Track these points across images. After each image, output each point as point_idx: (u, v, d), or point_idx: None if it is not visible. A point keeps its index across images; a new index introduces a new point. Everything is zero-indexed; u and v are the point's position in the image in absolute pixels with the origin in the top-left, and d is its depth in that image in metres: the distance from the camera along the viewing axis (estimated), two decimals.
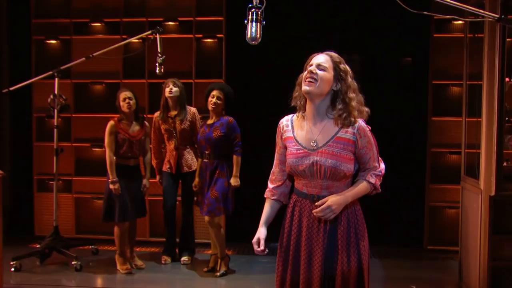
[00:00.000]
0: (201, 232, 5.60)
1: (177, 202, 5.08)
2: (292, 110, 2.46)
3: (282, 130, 2.44)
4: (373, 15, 5.57)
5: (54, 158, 5.00)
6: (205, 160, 4.70)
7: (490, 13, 2.14)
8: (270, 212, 2.51)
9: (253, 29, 2.12)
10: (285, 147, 2.41)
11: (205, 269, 4.84)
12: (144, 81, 5.77)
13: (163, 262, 5.06)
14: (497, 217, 3.84)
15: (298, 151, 2.33)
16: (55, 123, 4.98)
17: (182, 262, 5.05)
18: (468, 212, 4.27)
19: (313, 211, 2.29)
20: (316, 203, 2.29)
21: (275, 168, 2.51)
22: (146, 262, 5.03)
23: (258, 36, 2.12)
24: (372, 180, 2.36)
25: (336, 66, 2.34)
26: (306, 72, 2.33)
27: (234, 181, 4.60)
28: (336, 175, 2.28)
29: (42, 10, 5.92)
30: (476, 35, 4.31)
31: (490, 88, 3.83)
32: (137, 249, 5.27)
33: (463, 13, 2.20)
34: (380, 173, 2.39)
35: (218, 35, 5.72)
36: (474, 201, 4.08)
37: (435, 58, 5.50)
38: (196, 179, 4.79)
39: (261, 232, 2.45)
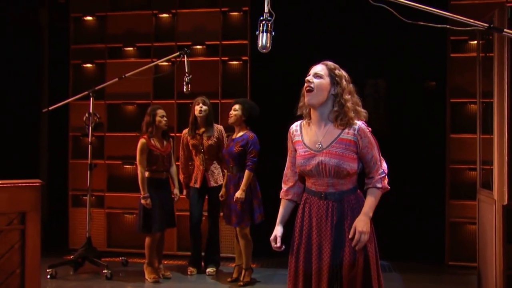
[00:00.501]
0: (226, 246, 5.81)
1: (203, 216, 5.31)
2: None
3: (292, 135, 2.67)
4: (392, 38, 5.79)
5: (88, 173, 5.33)
6: (229, 174, 4.94)
7: (479, 23, 2.35)
8: (285, 211, 2.72)
9: (263, 39, 2.36)
10: (295, 150, 2.64)
11: (229, 279, 5.03)
12: (173, 101, 6.09)
13: (189, 273, 5.27)
14: (511, 227, 3.95)
15: (305, 153, 2.55)
16: (90, 140, 5.32)
17: (207, 274, 5.24)
18: (484, 223, 4.38)
19: (352, 245, 2.46)
20: (349, 237, 2.47)
21: (287, 170, 2.72)
22: (173, 273, 5.25)
23: (268, 45, 2.37)
24: (380, 185, 2.54)
25: (331, 72, 2.56)
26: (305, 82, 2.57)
27: (239, 194, 4.77)
28: (340, 173, 2.48)
29: (79, 37, 6.35)
30: (487, 54, 4.48)
31: (500, 105, 3.99)
32: (165, 262, 5.48)
33: (459, 24, 2.39)
34: (384, 174, 2.56)
35: (243, 58, 6.03)
36: (489, 212, 4.19)
37: (452, 77, 5.66)
38: (223, 190, 5.04)
39: (278, 230, 2.66)
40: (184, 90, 4.97)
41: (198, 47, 6.12)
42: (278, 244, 2.63)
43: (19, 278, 4.02)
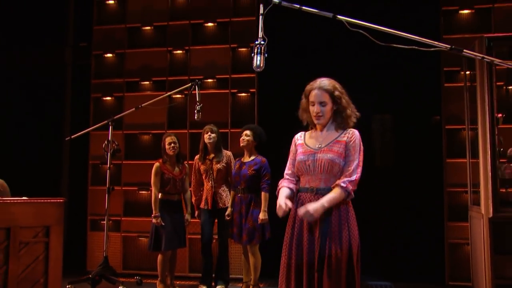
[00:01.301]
0: (235, 267, 6.11)
1: (214, 237, 5.64)
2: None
3: (296, 139, 3.08)
4: (391, 74, 6.24)
5: (106, 196, 5.72)
6: (239, 195, 5.28)
7: (442, 44, 2.74)
8: (286, 192, 2.97)
9: (258, 60, 2.77)
10: (296, 152, 3.02)
11: None
12: (186, 131, 6.53)
13: None
14: (498, 239, 4.23)
15: (306, 150, 2.94)
16: (108, 165, 5.72)
17: None
18: (475, 237, 4.66)
19: (298, 212, 2.79)
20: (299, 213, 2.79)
21: (288, 171, 3.08)
22: None
23: (262, 65, 2.77)
24: (343, 184, 2.81)
25: (331, 94, 2.95)
26: (312, 109, 2.95)
27: (262, 215, 5.13)
28: (332, 168, 2.84)
29: (100, 72, 6.88)
30: (473, 84, 4.88)
31: (483, 130, 4.36)
32: (177, 282, 5.78)
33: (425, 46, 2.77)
34: (353, 179, 2.84)
35: (251, 90, 6.48)
36: (478, 226, 4.50)
37: (447, 105, 6.03)
38: (229, 209, 5.37)
39: (288, 202, 2.87)
40: (196, 117, 5.38)
41: (210, 80, 6.60)
42: (289, 204, 2.86)
43: (43, 287, 4.38)
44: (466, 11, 6.13)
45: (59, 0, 7.22)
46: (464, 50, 2.86)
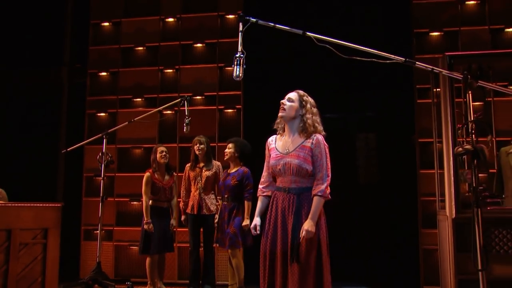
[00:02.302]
0: (222, 274, 6.44)
1: (201, 242, 5.98)
2: None
3: (269, 144, 3.47)
4: (371, 91, 6.72)
5: (100, 205, 6.05)
6: (225, 203, 5.65)
7: (397, 57, 3.16)
8: (261, 206, 3.44)
9: (237, 71, 3.18)
10: (270, 156, 3.41)
11: None
12: (176, 145, 6.92)
13: None
14: (460, 238, 4.61)
15: (277, 156, 3.33)
16: (102, 175, 6.07)
17: None
18: (442, 238, 5.04)
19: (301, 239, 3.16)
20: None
21: (264, 173, 3.48)
22: None
23: (241, 75, 3.19)
24: (320, 193, 3.21)
25: (300, 98, 3.38)
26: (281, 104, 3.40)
27: (244, 223, 5.50)
28: (300, 171, 3.24)
29: (94, 89, 7.29)
30: (439, 100, 5.31)
31: (447, 141, 4.79)
32: None
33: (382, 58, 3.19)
34: (326, 185, 3.22)
35: (237, 106, 6.91)
36: (444, 228, 4.88)
37: (420, 120, 6.46)
38: (216, 217, 5.74)
39: (257, 221, 3.39)
40: (184, 130, 5.77)
41: (198, 97, 7.01)
42: (258, 231, 3.34)
43: (40, 286, 4.74)
44: (436, 33, 6.63)
45: (56, 22, 7.64)
46: (417, 63, 3.29)
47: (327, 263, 3.25)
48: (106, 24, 7.43)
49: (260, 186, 3.48)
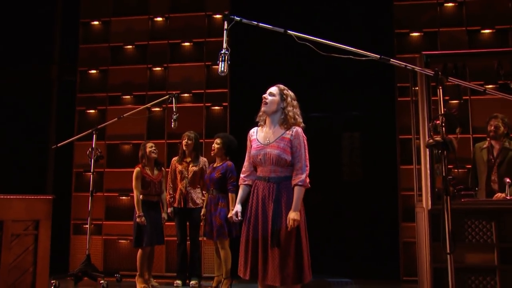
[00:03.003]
0: (209, 267, 6.62)
1: (187, 235, 6.16)
2: None
3: (251, 135, 3.65)
4: (355, 91, 6.97)
5: (90, 198, 6.21)
6: (210, 195, 5.83)
7: (372, 54, 3.37)
8: (243, 194, 3.62)
9: (222, 66, 3.36)
10: (251, 147, 3.60)
11: (210, 287, 5.83)
12: (164, 141, 7.09)
13: (175, 285, 6.04)
14: (435, 228, 4.82)
15: (258, 146, 3.52)
16: (92, 170, 6.24)
17: (190, 286, 6.03)
18: (419, 230, 5.27)
19: (288, 228, 3.32)
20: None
21: (245, 163, 3.67)
22: (161, 286, 6.04)
23: (225, 70, 3.37)
24: (300, 183, 3.39)
25: (281, 92, 3.58)
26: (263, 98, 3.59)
27: (230, 214, 5.67)
28: (280, 161, 3.43)
29: (84, 87, 7.45)
30: (415, 98, 5.54)
31: (424, 138, 5.01)
32: (154, 280, 6.25)
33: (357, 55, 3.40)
34: (305, 174, 3.40)
35: (224, 104, 7.10)
36: (421, 219, 5.11)
37: (401, 117, 6.69)
38: (204, 210, 5.94)
39: (238, 208, 3.57)
40: (172, 126, 5.97)
41: (186, 95, 7.20)
42: (239, 218, 3.53)
43: (32, 276, 4.87)
44: (416, 34, 6.87)
45: (46, 21, 7.78)
46: (391, 60, 3.50)
47: (306, 247, 3.43)
48: (96, 23, 7.59)
49: (241, 175, 3.66)
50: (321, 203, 7.08)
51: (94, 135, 6.30)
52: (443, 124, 3.42)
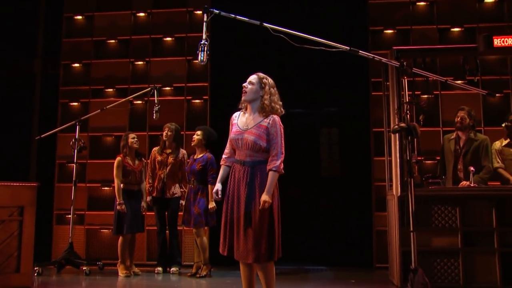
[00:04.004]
0: (189, 255, 6.81)
1: (166, 224, 6.35)
2: None
3: (233, 119, 3.85)
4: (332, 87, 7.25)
5: (73, 188, 6.36)
6: (191, 186, 6.05)
7: (343, 46, 3.62)
8: (223, 174, 3.82)
9: (201, 56, 3.58)
10: (232, 130, 3.81)
11: (189, 273, 6.04)
12: (146, 133, 7.28)
13: (156, 272, 6.24)
14: (404, 214, 5.09)
15: (237, 131, 3.73)
16: (75, 160, 6.40)
17: (171, 272, 6.23)
18: (390, 215, 5.55)
19: (260, 208, 3.53)
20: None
21: (227, 145, 3.85)
22: (142, 272, 6.22)
23: (204, 60, 3.59)
24: (275, 168, 3.60)
25: (260, 80, 3.79)
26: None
27: (210, 205, 5.91)
28: (255, 147, 3.64)
29: (68, 80, 7.59)
30: (387, 93, 5.80)
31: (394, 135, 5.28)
32: (136, 268, 6.42)
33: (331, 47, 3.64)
34: (280, 161, 3.61)
35: (204, 97, 7.31)
36: (392, 206, 5.38)
37: (374, 111, 6.96)
38: (182, 200, 6.17)
39: (218, 186, 3.76)
40: (154, 117, 6.17)
41: (167, 88, 7.39)
42: (219, 196, 3.73)
43: (16, 260, 5.03)
44: (389, 31, 7.16)
45: (30, 15, 7.90)
46: (359, 51, 3.75)
47: (278, 227, 3.63)
48: (79, 17, 7.74)
49: (223, 156, 3.86)
50: (301, 198, 7.33)
51: (77, 127, 6.46)
52: (408, 112, 3.68)
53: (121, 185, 6.06)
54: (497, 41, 4.96)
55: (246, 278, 3.70)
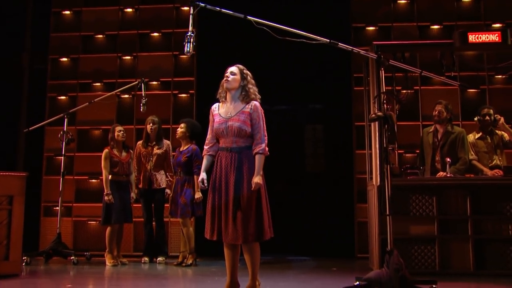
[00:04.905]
0: (175, 246, 6.96)
1: (153, 214, 6.49)
2: None
3: (213, 110, 4.00)
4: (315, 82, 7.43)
5: (60, 180, 6.47)
6: (177, 177, 6.20)
7: (322, 39, 3.79)
8: (207, 163, 3.98)
9: (188, 47, 3.73)
10: (214, 121, 3.97)
11: (175, 262, 6.18)
12: (133, 126, 7.41)
13: (142, 261, 6.38)
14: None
15: (220, 120, 3.89)
16: (63, 152, 6.50)
17: (157, 262, 6.36)
18: (370, 204, 5.74)
19: (252, 189, 3.69)
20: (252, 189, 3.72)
21: (208, 136, 4.02)
22: (129, 263, 6.35)
23: (191, 51, 3.74)
24: (261, 151, 3.78)
25: (241, 71, 3.96)
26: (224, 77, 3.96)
27: (196, 195, 6.07)
28: (240, 132, 3.80)
29: (56, 74, 7.70)
30: (368, 88, 5.99)
31: (375, 126, 5.46)
32: (123, 258, 6.55)
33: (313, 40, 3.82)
34: (264, 143, 3.79)
35: (190, 91, 7.47)
36: (372, 195, 5.57)
37: (356, 105, 7.15)
38: (168, 191, 6.36)
39: (203, 175, 3.90)
40: (141, 110, 6.32)
41: (154, 82, 7.54)
42: (205, 184, 3.89)
43: (5, 248, 5.14)
44: (371, 28, 7.37)
45: (18, 10, 7.98)
46: (339, 44, 3.93)
47: (267, 209, 3.79)
48: (67, 12, 7.85)
49: (205, 147, 4.02)
50: (286, 193, 7.49)
51: (66, 119, 6.57)
52: (384, 101, 3.87)
53: (109, 176, 6.19)
54: (472, 37, 5.18)
55: (230, 260, 3.85)
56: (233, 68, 3.97)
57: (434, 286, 3.84)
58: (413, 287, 3.59)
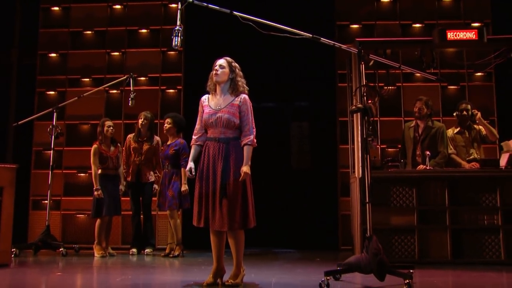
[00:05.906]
0: (163, 239, 7.09)
1: (140, 207, 6.61)
2: None
3: (203, 102, 4.15)
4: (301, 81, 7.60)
5: (50, 173, 6.57)
6: (165, 170, 6.33)
7: (306, 34, 3.95)
8: (194, 153, 4.12)
9: (176, 41, 3.87)
10: (203, 112, 4.10)
11: (162, 254, 6.31)
12: (121, 121, 7.52)
13: (130, 253, 6.50)
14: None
15: (210, 111, 4.03)
16: (52, 146, 6.60)
17: (145, 253, 6.49)
18: (352, 196, 5.92)
19: (240, 179, 3.84)
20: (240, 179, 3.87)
21: (197, 126, 4.16)
22: (118, 255, 6.47)
23: (179, 44, 3.88)
24: (249, 142, 3.95)
25: (229, 64, 4.10)
26: (213, 70, 4.10)
27: (183, 187, 6.21)
28: (229, 124, 3.95)
29: (44, 70, 7.79)
30: (351, 84, 6.17)
31: (357, 120, 5.64)
32: (111, 250, 6.65)
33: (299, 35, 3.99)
34: (253, 135, 3.96)
35: (178, 87, 7.61)
36: (354, 188, 5.75)
37: (340, 101, 7.34)
38: (156, 185, 6.50)
39: (191, 165, 4.05)
40: (130, 104, 6.43)
41: (142, 78, 7.66)
42: (193, 173, 4.03)
43: None
44: (355, 26, 7.56)
45: (7, 6, 8.05)
46: (321, 39, 4.09)
47: (251, 198, 3.94)
48: (56, 8, 7.93)
49: (193, 137, 4.16)
50: (273, 189, 7.62)
51: (55, 114, 6.66)
52: (364, 94, 4.04)
53: (99, 171, 6.31)
54: (450, 35, 5.38)
55: (216, 246, 4.00)
56: (222, 61, 4.11)
57: (411, 270, 4.00)
58: (390, 270, 3.75)
